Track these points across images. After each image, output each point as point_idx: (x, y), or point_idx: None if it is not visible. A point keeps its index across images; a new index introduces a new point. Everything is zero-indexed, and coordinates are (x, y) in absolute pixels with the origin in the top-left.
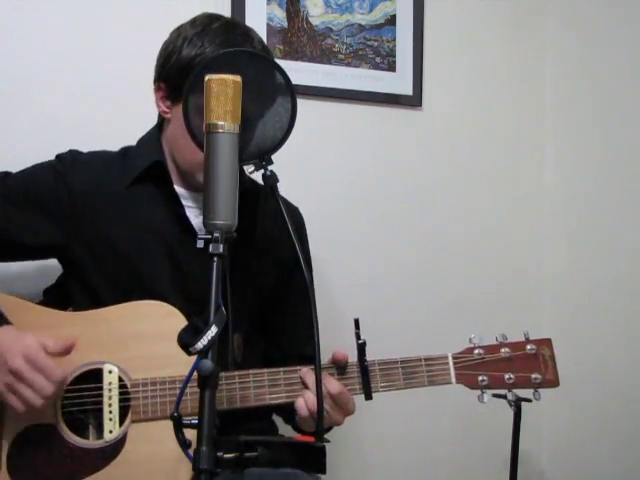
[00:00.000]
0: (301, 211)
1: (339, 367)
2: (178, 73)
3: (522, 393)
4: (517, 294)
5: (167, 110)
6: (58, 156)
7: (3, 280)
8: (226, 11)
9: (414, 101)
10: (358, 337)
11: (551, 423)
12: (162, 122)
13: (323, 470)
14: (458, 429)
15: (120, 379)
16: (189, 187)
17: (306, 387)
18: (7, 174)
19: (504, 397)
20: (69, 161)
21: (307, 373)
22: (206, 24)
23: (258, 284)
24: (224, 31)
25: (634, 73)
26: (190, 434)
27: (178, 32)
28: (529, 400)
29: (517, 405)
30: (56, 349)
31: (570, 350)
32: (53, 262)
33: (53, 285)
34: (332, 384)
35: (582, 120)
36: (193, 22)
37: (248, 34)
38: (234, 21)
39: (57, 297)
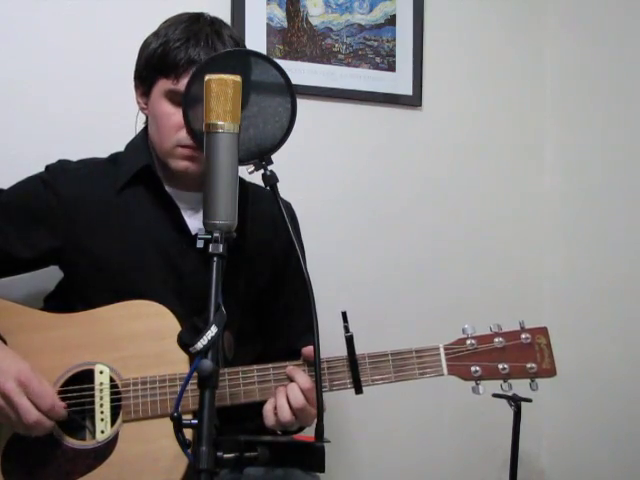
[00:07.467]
0: (301, 210)
1: (310, 363)
2: (145, 65)
3: (521, 387)
4: (517, 294)
5: (145, 106)
6: (47, 167)
7: (2, 288)
8: (226, 11)
9: (414, 101)
10: (346, 330)
11: (551, 423)
12: (147, 126)
13: (322, 469)
14: (458, 429)
15: (111, 379)
16: (180, 187)
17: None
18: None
19: (504, 397)
20: (58, 171)
21: (294, 369)
22: (176, 19)
23: (252, 284)
24: (189, 24)
25: (634, 73)
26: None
27: (154, 32)
28: (529, 400)
29: (517, 405)
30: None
31: (570, 350)
32: (53, 269)
33: (52, 292)
34: (304, 378)
35: (582, 120)
36: (168, 19)
37: (215, 28)
38: (206, 16)
39: (57, 304)
